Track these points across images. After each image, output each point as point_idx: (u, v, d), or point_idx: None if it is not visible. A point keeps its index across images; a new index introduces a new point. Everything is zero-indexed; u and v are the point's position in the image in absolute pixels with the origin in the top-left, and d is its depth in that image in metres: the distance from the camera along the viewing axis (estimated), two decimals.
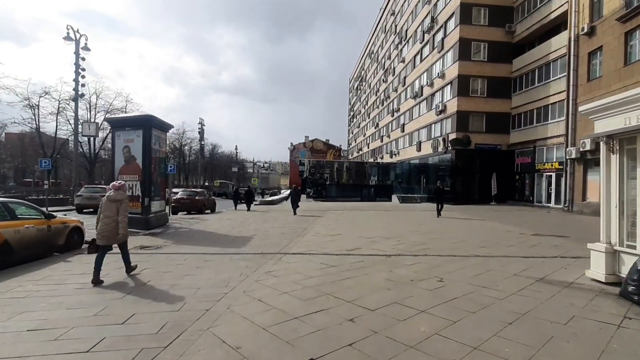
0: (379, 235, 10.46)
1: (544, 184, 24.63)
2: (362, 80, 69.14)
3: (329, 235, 10.46)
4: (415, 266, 6.32)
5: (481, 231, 11.55)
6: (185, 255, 7.37)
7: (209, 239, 9.72)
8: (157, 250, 8.10)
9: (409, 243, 9.00)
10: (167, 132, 13.30)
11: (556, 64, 23.91)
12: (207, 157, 64.39)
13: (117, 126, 12.28)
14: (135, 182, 11.82)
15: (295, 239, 9.65)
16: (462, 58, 27.78)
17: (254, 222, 14.16)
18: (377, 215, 17.41)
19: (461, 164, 27.86)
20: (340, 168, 46.79)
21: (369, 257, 7.16)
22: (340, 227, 12.38)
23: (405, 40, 41.25)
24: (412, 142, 37.34)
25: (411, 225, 13.29)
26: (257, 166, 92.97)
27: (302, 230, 11.53)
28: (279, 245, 8.70)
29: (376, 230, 11.70)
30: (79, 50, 25.51)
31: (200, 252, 7.65)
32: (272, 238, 9.96)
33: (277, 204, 27.87)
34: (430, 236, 10.31)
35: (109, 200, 5.63)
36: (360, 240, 9.39)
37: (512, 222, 14.30)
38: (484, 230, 11.71)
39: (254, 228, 12.29)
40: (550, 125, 24.08)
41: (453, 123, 28.25)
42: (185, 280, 5.37)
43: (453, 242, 9.31)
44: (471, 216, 17.01)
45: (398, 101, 43.22)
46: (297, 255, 7.33)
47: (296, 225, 13.22)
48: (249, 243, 9.07)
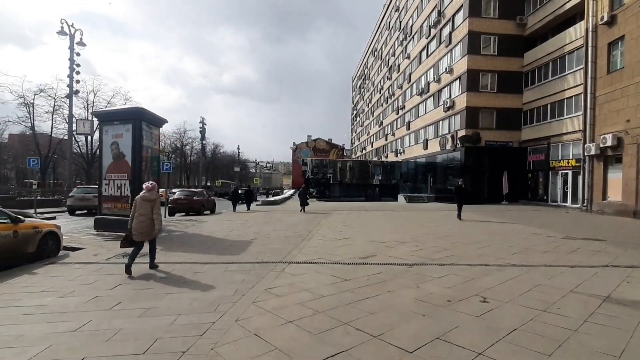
0: (392, 239, 9.39)
1: (560, 182, 23.45)
2: (366, 79, 68.03)
3: (338, 239, 9.40)
4: (446, 280, 5.25)
5: (504, 234, 10.46)
6: (172, 265, 6.33)
7: (204, 245, 8.68)
8: (141, 258, 7.06)
9: (429, 249, 7.92)
10: (161, 127, 12.27)
11: (572, 56, 22.74)
12: (209, 157, 63.47)
13: (104, 120, 11.26)
14: (124, 181, 10.80)
15: (300, 244, 8.60)
16: (471, 52, 26.64)
17: (254, 224, 13.13)
18: (386, 216, 16.34)
19: (471, 162, 26.72)
20: (343, 167, 45.83)
21: (388, 267, 6.09)
22: (349, 230, 11.32)
23: (410, 36, 40.13)
24: (419, 140, 36.21)
25: (425, 227, 12.21)
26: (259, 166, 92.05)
27: (307, 234, 10.49)
28: (282, 251, 7.65)
29: (388, 233, 10.63)
30: (73, 46, 24.57)
31: (190, 261, 6.61)
32: (274, 243, 8.91)
33: (279, 204, 26.84)
34: (450, 240, 9.23)
35: (143, 200, 6.12)
36: (373, 246, 8.33)
37: (534, 223, 13.19)
38: (507, 233, 10.62)
39: (255, 231, 11.25)
40: (565, 121, 22.90)
41: (462, 119, 27.12)
42: (164, 301, 4.32)
43: (478, 247, 8.22)
44: (487, 217, 15.90)
45: (403, 98, 42.10)
46: (303, 265, 6.28)
47: (300, 227, 12.17)
48: (248, 249, 8.03)
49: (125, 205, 10.77)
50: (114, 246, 8.51)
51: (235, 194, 22.23)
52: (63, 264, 6.55)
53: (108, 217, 10.99)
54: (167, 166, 15.47)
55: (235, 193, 22.31)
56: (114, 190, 10.94)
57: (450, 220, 14.63)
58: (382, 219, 15.06)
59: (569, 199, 22.60)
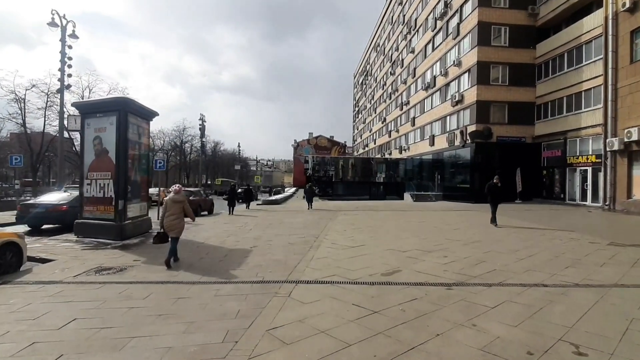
0: (413, 246, 8.15)
1: (578, 179, 22.16)
2: (368, 75, 66.63)
3: (350, 247, 8.16)
4: (505, 311, 4.00)
5: (537, 239, 9.21)
6: (151, 286, 5.10)
7: (195, 255, 7.44)
8: (117, 275, 5.83)
9: (462, 260, 6.68)
10: (151, 121, 11.01)
11: (589, 47, 21.41)
12: (209, 155, 62.18)
13: (86, 112, 10.00)
14: (107, 180, 9.56)
15: (307, 254, 7.36)
16: (481, 43, 25.30)
17: (255, 228, 11.89)
18: (397, 217, 15.10)
19: (481, 159, 25.41)
20: (345, 165, 44.61)
21: (421, 289, 4.85)
22: (361, 234, 10.07)
23: (414, 30, 38.76)
24: (424, 136, 34.91)
25: (444, 230, 10.96)
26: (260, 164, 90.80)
27: (314, 239, 9.24)
28: (287, 264, 6.41)
29: (406, 238, 9.38)
30: (65, 38, 23.28)
31: (174, 280, 5.37)
32: (276, 251, 7.67)
33: (281, 204, 25.60)
34: (481, 248, 7.98)
35: (173, 201, 6.74)
36: (393, 256, 7.09)
37: (562, 225, 11.95)
38: (540, 238, 9.37)
39: (255, 236, 10.01)
40: (584, 114, 21.60)
41: (472, 114, 25.80)
42: (122, 355, 3.07)
43: (518, 257, 6.98)
44: (506, 218, 14.63)
45: (407, 94, 40.76)
46: (314, 285, 5.03)
47: (305, 231, 10.93)
48: (246, 261, 6.79)
49: (109, 208, 9.56)
50: (92, 256, 7.30)
51: (232, 193, 18.65)
52: (18, 283, 5.31)
53: (90, 222, 9.76)
54: (160, 164, 14.22)
55: (232, 193, 18.69)
56: (96, 190, 9.71)
57: (469, 221, 13.38)
58: (393, 221, 13.81)
59: (588, 197, 21.32)
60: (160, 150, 50.64)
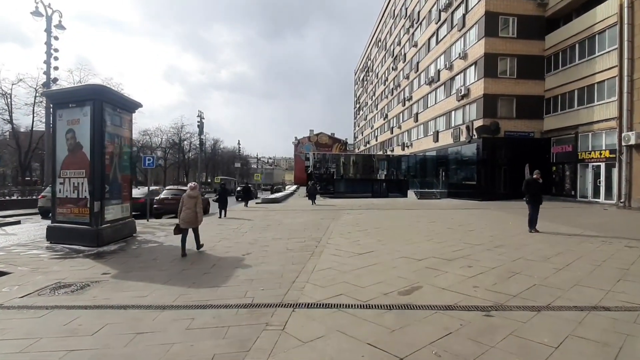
0: (429, 252, 7.11)
1: (590, 175, 21.14)
2: (369, 71, 65.44)
3: (357, 254, 7.12)
4: (572, 350, 2.98)
5: (567, 244, 8.18)
6: (108, 313, 4.06)
7: (177, 266, 6.41)
8: (75, 295, 4.80)
9: (491, 272, 5.65)
10: (134, 113, 9.94)
11: (603, 37, 20.34)
12: (208, 153, 61.05)
13: (57, 102, 8.92)
14: (81, 179, 8.51)
15: (307, 263, 6.33)
16: (488, 34, 24.20)
17: (251, 230, 10.85)
18: (403, 217, 14.06)
19: (488, 155, 24.37)
20: (347, 162, 43.57)
21: (452, 315, 3.82)
22: (367, 238, 9.03)
23: (417, 23, 37.62)
24: (428, 132, 33.85)
25: (460, 232, 9.92)
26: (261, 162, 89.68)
27: (316, 244, 8.21)
28: (283, 279, 5.37)
29: (419, 242, 8.35)
30: (50, 28, 22.18)
31: (140, 304, 4.33)
32: (272, 261, 6.64)
33: (281, 202, 24.55)
34: (507, 254, 6.95)
35: (188, 197, 7.47)
36: (409, 266, 6.06)
37: (581, 225, 10.95)
38: (568, 242, 8.34)
39: (250, 240, 8.98)
40: (596, 108, 20.56)
41: (479, 108, 24.74)
42: None
43: (554, 267, 5.95)
44: (519, 216, 13.61)
45: (410, 89, 39.66)
46: (316, 311, 4.00)
47: (306, 233, 9.90)
48: (235, 273, 5.75)
49: (83, 210, 8.51)
50: (56, 268, 6.26)
51: (223, 193, 15.63)
52: None
53: (63, 226, 8.72)
54: (149, 161, 13.15)
55: (223, 192, 15.68)
56: (70, 190, 8.67)
57: (482, 221, 12.35)
58: (400, 221, 12.78)
59: (601, 194, 20.31)
60: (159, 148, 49.61)
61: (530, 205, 9.95)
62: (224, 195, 15.48)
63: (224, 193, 15.66)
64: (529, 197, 9.96)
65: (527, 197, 10.03)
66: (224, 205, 15.26)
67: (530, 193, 9.93)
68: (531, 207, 9.92)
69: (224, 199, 15.33)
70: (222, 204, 15.26)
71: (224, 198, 15.36)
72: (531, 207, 9.93)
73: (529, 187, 10.02)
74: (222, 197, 15.40)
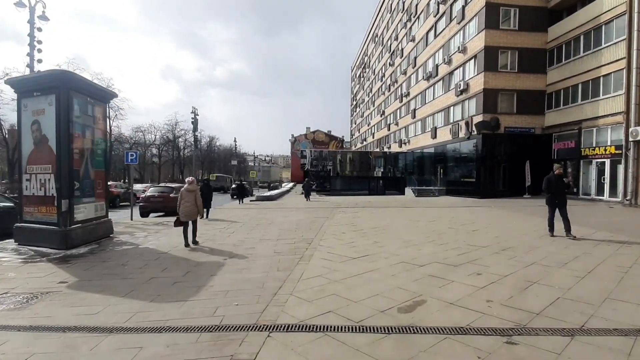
0: (432, 256, 6.37)
1: (594, 172, 20.48)
2: (366, 67, 64.61)
3: (351, 258, 6.37)
4: None
5: (582, 245, 7.47)
6: (41, 338, 3.28)
7: (146, 272, 5.63)
8: (15, 311, 4.02)
9: (505, 282, 4.91)
10: (108, 103, 9.14)
11: (610, 27, 19.62)
12: (204, 150, 60.07)
13: (21, 90, 8.07)
14: (47, 175, 7.70)
15: (295, 270, 5.57)
16: (489, 26, 23.44)
17: (239, 229, 10.08)
18: (402, 215, 13.33)
19: (488, 151, 23.68)
20: (343, 159, 42.91)
21: (466, 340, 3.08)
22: (363, 239, 8.28)
23: (415, 17, 36.82)
24: (426, 129, 33.12)
25: (462, 232, 9.20)
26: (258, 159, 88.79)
27: (306, 246, 7.45)
28: (264, 290, 4.62)
29: (419, 244, 7.61)
30: (34, 19, 21.19)
31: (85, 326, 3.55)
32: (255, 266, 5.88)
33: (276, 200, 23.78)
34: (518, 258, 6.22)
35: (187, 191, 7.88)
36: (409, 274, 5.31)
37: (593, 225, 10.24)
38: (584, 244, 7.64)
39: (236, 241, 8.21)
40: (602, 102, 19.87)
41: (479, 103, 24.02)
42: None
43: (575, 274, 5.22)
44: (523, 215, 12.92)
45: (407, 85, 38.89)
46: (296, 335, 3.24)
47: (298, 234, 9.14)
48: (209, 283, 4.99)
49: (51, 209, 7.71)
50: (12, 274, 5.48)
51: (205, 191, 13.09)
52: None
53: (30, 226, 7.92)
54: (132, 157, 12.30)
55: (205, 190, 13.17)
56: (36, 187, 7.87)
57: (484, 219, 11.63)
58: (398, 220, 12.04)
59: (606, 191, 19.66)
60: (152, 145, 48.60)
61: (549, 205, 8.51)
62: (207, 193, 13.37)
63: (207, 191, 13.59)
64: (550, 197, 8.47)
65: (548, 198, 8.54)
66: (206, 204, 13.13)
67: (552, 192, 8.38)
68: (551, 207, 8.51)
69: (207, 197, 13.28)
70: (205, 203, 12.76)
71: (207, 196, 13.28)
72: (551, 208, 8.52)
73: (550, 186, 8.40)
74: (204, 195, 12.58)
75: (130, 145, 43.85)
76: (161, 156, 51.51)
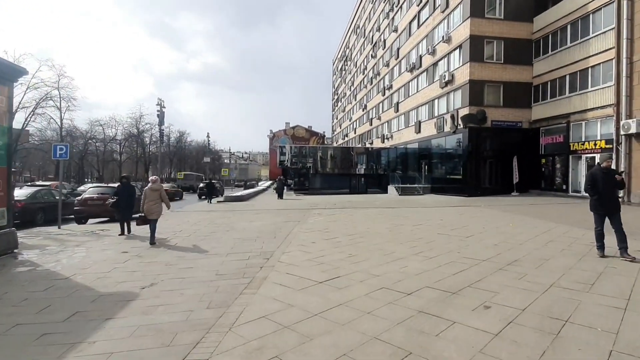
0: (421, 278, 4.87)
1: (583, 168, 19.65)
2: (347, 60, 63.09)
3: (316, 282, 4.79)
4: None
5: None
6: None
7: (15, 315, 3.88)
8: None
9: (525, 319, 3.44)
10: (15, 82, 7.19)
11: (598, 16, 18.76)
12: (174, 146, 56.84)
13: None
14: None
15: (231, 307, 3.94)
16: (474, 15, 22.32)
17: (183, 241, 8.28)
18: (384, 218, 11.87)
19: (474, 146, 22.59)
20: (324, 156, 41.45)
21: None
22: (335, 251, 6.72)
23: (397, 6, 35.51)
24: (409, 123, 31.93)
25: (455, 239, 7.76)
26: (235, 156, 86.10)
27: (263, 263, 5.83)
28: (170, 351, 2.97)
29: (404, 258, 6.11)
30: None
31: None
32: (179, 300, 4.21)
33: (246, 200, 21.97)
34: (530, 277, 4.79)
35: (151, 190, 8.04)
36: (392, 310, 3.77)
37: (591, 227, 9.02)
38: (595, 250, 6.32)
39: (170, 259, 6.48)
40: (591, 94, 19.02)
41: (464, 95, 22.88)
42: None
43: (613, 302, 3.82)
44: (511, 213, 11.68)
45: (390, 77, 37.62)
46: None
47: (257, 244, 7.49)
48: (91, 338, 3.29)
49: None
50: None
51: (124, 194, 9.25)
52: None
53: None
54: (61, 151, 10.29)
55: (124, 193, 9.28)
56: None
57: (476, 221, 10.28)
58: (378, 223, 10.56)
59: None
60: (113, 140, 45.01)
61: (595, 211, 6.06)
62: (126, 197, 9.18)
63: (127, 193, 9.29)
64: (596, 200, 5.98)
65: (594, 201, 6.04)
66: (126, 212, 9.10)
67: (599, 193, 5.92)
68: (598, 213, 6.03)
69: (128, 202, 9.18)
70: (124, 211, 9.10)
71: (128, 201, 9.19)
72: (598, 215, 6.03)
73: (595, 184, 5.93)
74: (123, 199, 9.14)
75: (86, 140, 40.65)
76: (122, 153, 47.95)
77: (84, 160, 41.96)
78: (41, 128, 34.99)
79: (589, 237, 7.96)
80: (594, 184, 5.99)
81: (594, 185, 5.98)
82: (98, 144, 44.18)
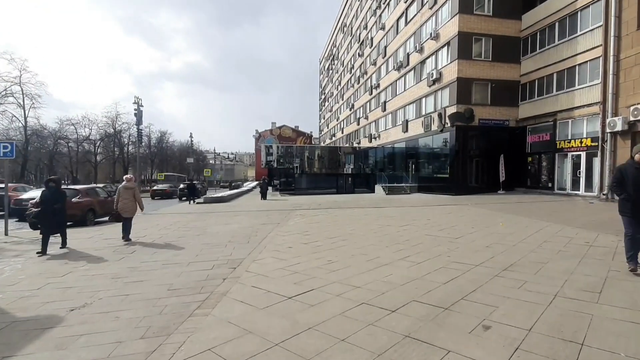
0: (407, 289, 4.18)
1: (569, 166, 19.43)
2: (334, 59, 62.46)
3: (285, 298, 4.04)
4: None
5: (594, 256, 5.58)
6: None
7: None
8: None
9: (536, 348, 2.77)
10: None
11: (586, 13, 18.55)
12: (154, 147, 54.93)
13: None
14: None
15: (172, 337, 3.16)
16: (462, 11, 21.90)
17: (143, 248, 7.40)
18: (370, 218, 11.19)
19: (461, 145, 22.20)
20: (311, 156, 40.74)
21: None
22: (312, 257, 5.98)
23: (385, 3, 35.05)
24: (397, 122, 31.46)
25: (445, 242, 7.11)
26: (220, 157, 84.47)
27: (227, 274, 5.05)
28: None
29: (389, 262, 5.42)
30: None
31: None
32: (110, 326, 3.40)
33: (227, 202, 21.03)
34: (530, 285, 4.16)
35: (125, 188, 8.44)
36: (374, 338, 3.05)
37: (588, 226, 8.54)
38: (592, 252, 5.76)
39: (119, 270, 5.62)
40: (577, 92, 18.80)
41: (452, 93, 22.47)
42: None
43: (626, 315, 3.20)
44: (511, 215, 11.17)
45: (377, 76, 37.13)
46: None
47: (226, 250, 6.69)
48: None
49: None
50: None
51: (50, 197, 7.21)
52: None
53: None
54: (6, 149, 9.21)
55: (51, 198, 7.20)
56: None
57: (465, 222, 9.68)
58: (363, 224, 9.87)
59: (581, 186, 18.62)
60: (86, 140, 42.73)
61: (629, 217, 4.87)
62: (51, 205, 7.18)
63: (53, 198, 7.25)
64: (625, 199, 4.88)
65: (622, 201, 4.98)
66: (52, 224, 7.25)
67: (628, 192, 4.83)
68: (633, 221, 4.84)
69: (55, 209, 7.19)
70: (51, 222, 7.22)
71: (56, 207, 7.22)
72: (632, 223, 4.85)
73: (623, 183, 4.91)
74: (47, 208, 7.18)
75: (55, 139, 38.69)
76: (97, 153, 45.78)
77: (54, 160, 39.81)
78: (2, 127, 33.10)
79: (583, 236, 7.47)
80: (621, 182, 4.98)
81: (621, 183, 4.97)
82: (71, 144, 42.04)
